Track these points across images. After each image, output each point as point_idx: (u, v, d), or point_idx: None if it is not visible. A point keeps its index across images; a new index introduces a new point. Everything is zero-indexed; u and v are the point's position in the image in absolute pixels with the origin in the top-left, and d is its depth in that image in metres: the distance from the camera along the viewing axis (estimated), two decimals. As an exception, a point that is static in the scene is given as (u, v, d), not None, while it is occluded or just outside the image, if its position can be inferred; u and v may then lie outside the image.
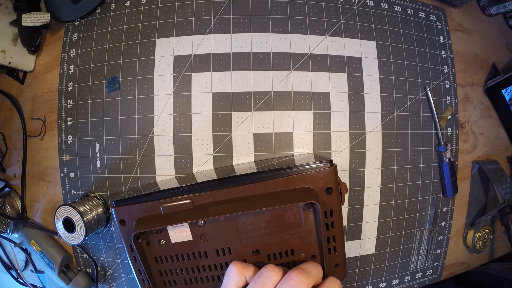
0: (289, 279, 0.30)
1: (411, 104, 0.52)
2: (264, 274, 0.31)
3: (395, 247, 0.53)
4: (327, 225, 0.38)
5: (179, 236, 0.38)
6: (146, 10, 0.50)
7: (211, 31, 0.48)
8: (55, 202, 0.54)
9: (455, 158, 0.55)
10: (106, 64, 0.50)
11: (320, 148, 0.49)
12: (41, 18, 0.49)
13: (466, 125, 0.56)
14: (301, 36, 0.49)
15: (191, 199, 0.37)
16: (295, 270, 0.31)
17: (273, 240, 0.37)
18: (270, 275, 0.31)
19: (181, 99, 0.48)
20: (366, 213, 0.51)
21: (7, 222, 0.55)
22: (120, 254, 0.52)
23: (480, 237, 0.57)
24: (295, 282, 0.29)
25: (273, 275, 0.31)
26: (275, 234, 0.37)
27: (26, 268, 0.60)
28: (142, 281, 0.40)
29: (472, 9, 0.58)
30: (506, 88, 0.56)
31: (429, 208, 0.54)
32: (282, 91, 0.48)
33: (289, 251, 0.38)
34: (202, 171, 0.48)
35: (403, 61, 0.52)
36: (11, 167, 0.57)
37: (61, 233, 0.47)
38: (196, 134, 0.48)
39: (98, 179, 0.51)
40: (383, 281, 0.54)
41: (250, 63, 0.48)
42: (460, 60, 0.56)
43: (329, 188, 0.37)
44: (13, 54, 0.51)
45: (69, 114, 0.52)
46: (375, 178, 0.50)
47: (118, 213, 0.38)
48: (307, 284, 0.30)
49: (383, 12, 0.52)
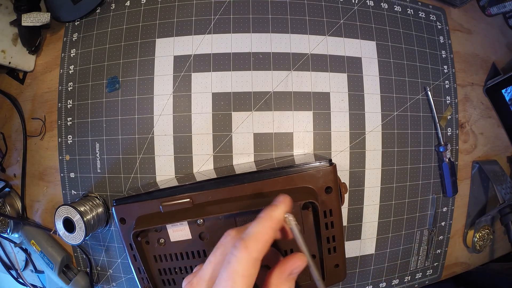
0: (225, 236, 0.28)
1: (411, 104, 0.52)
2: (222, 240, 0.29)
3: (395, 247, 0.53)
4: (326, 225, 0.38)
5: (178, 234, 0.38)
6: (146, 10, 0.50)
7: (211, 31, 0.48)
8: (55, 202, 0.54)
9: (455, 158, 0.55)
10: (106, 64, 0.50)
11: (320, 148, 0.49)
12: (41, 18, 0.49)
13: (466, 125, 0.56)
14: (301, 36, 0.49)
15: (190, 198, 0.37)
16: (233, 228, 0.29)
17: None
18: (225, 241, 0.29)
19: (181, 99, 0.48)
20: (366, 213, 0.51)
21: (7, 222, 0.55)
22: (120, 254, 0.52)
23: (480, 237, 0.57)
24: (225, 236, 0.28)
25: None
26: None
27: (26, 268, 0.60)
28: (141, 280, 0.40)
29: (472, 9, 0.58)
30: (506, 88, 0.56)
31: (429, 208, 0.54)
32: (282, 91, 0.48)
33: (288, 250, 0.38)
34: (202, 171, 0.48)
35: (403, 61, 0.52)
36: (11, 167, 0.57)
37: (61, 233, 0.47)
38: (196, 134, 0.48)
39: (98, 179, 0.51)
40: (383, 281, 0.54)
41: (250, 63, 0.48)
42: (460, 60, 0.56)
43: (328, 188, 0.37)
44: (13, 54, 0.52)
45: (69, 114, 0.52)
46: (375, 178, 0.50)
47: (118, 211, 0.38)
48: (234, 235, 0.27)
49: (383, 12, 0.52)
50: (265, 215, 0.27)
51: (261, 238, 0.25)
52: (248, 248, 0.24)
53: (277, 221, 0.27)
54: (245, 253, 0.24)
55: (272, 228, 0.26)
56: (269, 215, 0.27)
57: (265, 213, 0.27)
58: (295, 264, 0.27)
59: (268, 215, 0.27)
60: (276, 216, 0.27)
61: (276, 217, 0.27)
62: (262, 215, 0.27)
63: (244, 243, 0.25)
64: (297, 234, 0.28)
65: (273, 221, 0.27)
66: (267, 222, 0.26)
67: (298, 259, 0.27)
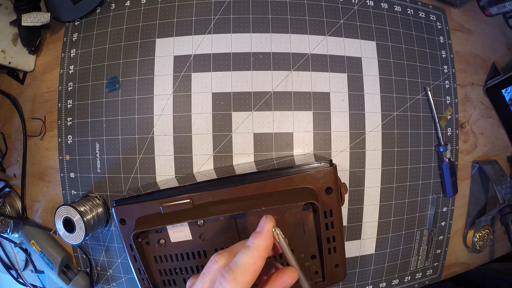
0: (213, 262, 0.27)
1: (411, 104, 0.52)
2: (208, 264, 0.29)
3: (395, 247, 0.53)
4: (326, 225, 0.38)
5: (178, 235, 0.38)
6: (146, 10, 0.50)
7: (211, 31, 0.48)
8: (55, 202, 0.54)
9: (455, 158, 0.55)
10: (106, 64, 0.50)
11: (320, 148, 0.49)
12: (41, 18, 0.49)
13: (466, 125, 0.56)
14: (301, 36, 0.49)
15: (190, 199, 0.37)
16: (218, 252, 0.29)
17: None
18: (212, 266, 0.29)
19: (181, 99, 0.48)
20: (366, 213, 0.51)
21: (7, 222, 0.55)
22: (120, 254, 0.52)
23: (480, 237, 0.57)
24: (212, 263, 0.27)
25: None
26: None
27: (26, 268, 0.60)
28: (142, 280, 0.40)
29: (472, 9, 0.58)
30: (506, 88, 0.56)
31: (429, 208, 0.54)
32: (282, 91, 0.48)
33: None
34: (202, 171, 0.48)
35: (403, 61, 0.52)
36: (11, 167, 0.57)
37: (61, 233, 0.47)
38: (196, 134, 0.48)
39: (98, 179, 0.51)
40: (383, 281, 0.54)
41: (250, 63, 0.48)
42: (460, 60, 0.56)
43: (328, 188, 0.37)
44: (13, 54, 0.51)
45: (69, 114, 0.52)
46: (375, 178, 0.50)
47: (118, 212, 0.38)
48: (223, 264, 0.27)
49: (383, 12, 0.52)
50: (252, 244, 0.26)
51: (250, 269, 0.25)
52: (236, 280, 0.24)
53: (265, 248, 0.27)
54: (234, 285, 0.24)
55: (261, 257, 0.26)
56: (257, 244, 0.26)
57: (253, 243, 0.26)
58: (285, 281, 0.27)
59: (256, 244, 0.26)
60: (263, 244, 0.27)
61: (264, 245, 0.26)
62: (250, 244, 0.26)
63: (232, 275, 0.24)
64: (285, 248, 0.28)
65: (261, 250, 0.26)
66: (255, 252, 0.26)
67: (288, 276, 0.27)
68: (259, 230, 0.28)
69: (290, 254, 0.28)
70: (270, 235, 0.27)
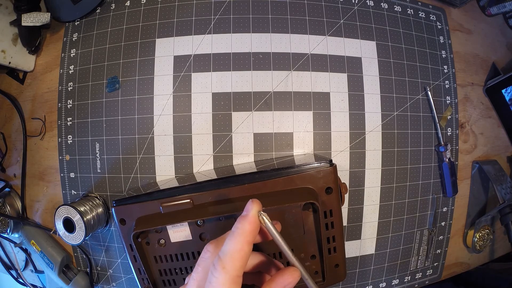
0: (205, 251, 0.28)
1: (411, 104, 0.52)
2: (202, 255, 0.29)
3: (395, 247, 0.53)
4: (326, 225, 0.38)
5: (178, 235, 0.38)
6: (146, 10, 0.50)
7: (211, 31, 0.48)
8: (55, 202, 0.54)
9: (455, 158, 0.55)
10: (106, 64, 0.50)
11: (320, 148, 0.49)
12: (41, 18, 0.49)
13: (466, 125, 0.56)
14: (301, 36, 0.49)
15: (190, 199, 0.37)
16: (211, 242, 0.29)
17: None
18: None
19: (181, 99, 0.48)
20: (366, 213, 0.51)
21: (7, 222, 0.55)
22: (120, 254, 0.52)
23: (480, 237, 0.57)
24: (205, 252, 0.28)
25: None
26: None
27: (26, 268, 0.60)
28: (142, 280, 0.40)
29: (472, 9, 0.58)
30: (506, 88, 0.56)
31: (429, 208, 0.54)
32: (282, 91, 0.48)
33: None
34: (202, 171, 0.48)
35: (403, 61, 0.52)
36: (11, 167, 0.57)
37: (61, 233, 0.47)
38: (196, 134, 0.48)
39: (98, 179, 0.51)
40: (383, 281, 0.54)
41: (250, 63, 0.48)
42: (460, 60, 0.56)
43: (328, 188, 0.37)
44: (13, 54, 0.51)
45: (69, 114, 0.52)
46: (375, 178, 0.50)
47: (118, 212, 0.38)
48: (214, 252, 0.27)
49: (383, 12, 0.52)
50: (236, 229, 0.26)
51: (237, 255, 0.25)
52: (225, 268, 0.24)
53: (250, 233, 0.26)
54: (224, 273, 0.24)
55: (247, 241, 0.26)
56: (241, 229, 0.26)
57: (237, 228, 0.26)
58: (286, 280, 0.27)
59: (240, 229, 0.26)
60: (248, 228, 0.26)
61: (248, 230, 0.26)
62: (234, 230, 0.26)
63: (221, 264, 0.24)
64: (274, 234, 0.27)
65: (246, 235, 0.26)
66: (240, 237, 0.26)
67: (289, 275, 0.27)
68: (244, 214, 0.27)
69: (280, 239, 0.27)
70: (256, 220, 0.27)
